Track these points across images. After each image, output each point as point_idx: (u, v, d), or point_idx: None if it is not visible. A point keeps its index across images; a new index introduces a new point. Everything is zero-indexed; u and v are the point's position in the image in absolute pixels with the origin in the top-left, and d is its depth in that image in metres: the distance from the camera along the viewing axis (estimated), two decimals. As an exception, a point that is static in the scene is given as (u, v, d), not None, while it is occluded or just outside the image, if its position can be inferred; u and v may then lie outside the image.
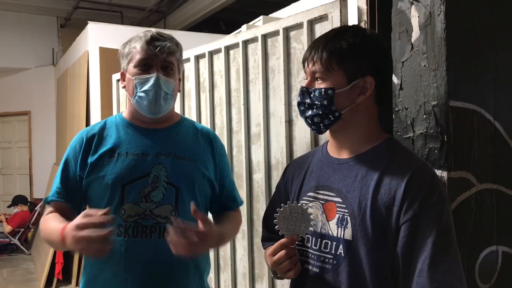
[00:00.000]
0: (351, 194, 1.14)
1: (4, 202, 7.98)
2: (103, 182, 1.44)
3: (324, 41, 1.17)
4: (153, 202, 1.43)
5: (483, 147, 1.50)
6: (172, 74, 1.50)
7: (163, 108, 1.49)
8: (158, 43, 1.46)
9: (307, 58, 1.21)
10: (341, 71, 1.14)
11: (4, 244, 6.69)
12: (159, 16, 8.10)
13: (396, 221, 1.06)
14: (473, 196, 1.48)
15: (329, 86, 1.15)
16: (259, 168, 2.45)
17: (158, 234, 1.42)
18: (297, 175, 1.33)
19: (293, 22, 2.17)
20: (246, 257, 2.53)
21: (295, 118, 2.22)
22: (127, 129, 1.53)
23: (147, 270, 1.42)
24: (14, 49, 7.72)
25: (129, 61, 1.49)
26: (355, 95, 1.16)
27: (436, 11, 1.43)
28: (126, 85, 1.52)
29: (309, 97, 1.18)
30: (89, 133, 1.53)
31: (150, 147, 1.49)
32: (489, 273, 1.52)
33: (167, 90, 1.47)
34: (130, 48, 1.50)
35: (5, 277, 5.67)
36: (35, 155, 8.05)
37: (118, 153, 1.47)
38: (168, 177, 1.45)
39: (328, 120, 1.17)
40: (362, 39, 1.17)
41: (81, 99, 5.69)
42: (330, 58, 1.14)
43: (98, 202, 1.46)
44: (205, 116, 2.84)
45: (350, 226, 1.11)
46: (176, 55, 1.51)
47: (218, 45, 2.70)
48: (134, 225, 1.42)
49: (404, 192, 1.07)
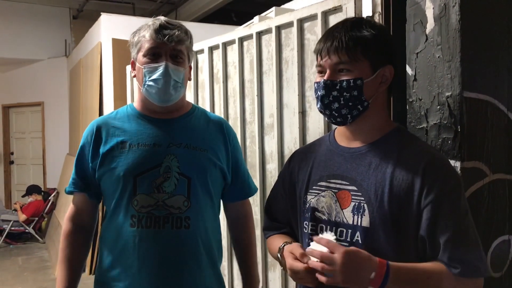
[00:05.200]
0: (367, 182, 1.16)
1: (18, 192, 8.09)
2: (115, 174, 1.45)
3: (344, 32, 1.15)
4: (166, 193, 1.43)
5: (497, 138, 1.51)
6: (181, 63, 1.49)
7: (173, 96, 1.49)
8: (167, 31, 1.45)
9: (323, 50, 1.17)
10: (366, 60, 1.14)
11: (19, 233, 6.80)
12: (171, 8, 8.12)
13: (417, 205, 1.09)
14: (486, 186, 1.50)
15: (356, 76, 1.14)
16: (272, 158, 2.48)
17: (171, 225, 1.43)
18: (304, 165, 1.33)
19: (307, 14, 2.19)
20: (259, 246, 2.56)
21: (309, 109, 2.25)
22: (138, 119, 1.53)
23: (160, 260, 1.43)
24: (27, 41, 7.79)
25: (138, 50, 1.50)
26: (377, 84, 1.17)
27: (451, 3, 1.44)
28: (136, 74, 1.52)
29: (336, 90, 1.15)
30: (100, 124, 1.53)
31: (161, 138, 1.49)
32: (501, 262, 1.54)
33: (177, 79, 1.47)
34: (139, 37, 1.49)
35: (20, 264, 5.78)
36: (48, 146, 8.14)
37: (129, 144, 1.47)
38: (179, 167, 1.46)
39: (357, 110, 1.17)
40: (380, 29, 1.19)
41: (94, 90, 5.74)
42: (355, 47, 1.13)
43: (111, 193, 1.48)
44: (218, 106, 2.87)
45: (367, 213, 1.13)
46: (186, 43, 1.50)
47: (232, 37, 2.72)
48: (147, 216, 1.43)
49: (422, 176, 1.09)
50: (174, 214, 1.43)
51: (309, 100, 2.24)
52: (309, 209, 1.25)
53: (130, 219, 1.43)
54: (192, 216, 1.46)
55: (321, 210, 1.23)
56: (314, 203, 1.24)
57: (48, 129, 8.18)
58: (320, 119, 2.18)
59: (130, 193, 1.44)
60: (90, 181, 1.53)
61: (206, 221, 1.51)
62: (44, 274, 5.42)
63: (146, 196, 1.43)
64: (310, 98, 2.24)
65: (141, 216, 1.43)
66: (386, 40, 1.20)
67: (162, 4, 7.86)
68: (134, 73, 1.55)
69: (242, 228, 1.71)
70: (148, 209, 1.43)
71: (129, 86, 3.91)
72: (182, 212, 1.44)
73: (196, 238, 1.47)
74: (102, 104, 5.68)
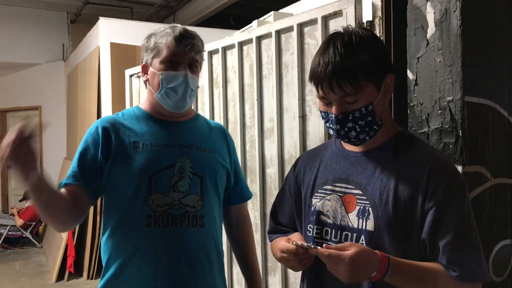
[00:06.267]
0: (372, 186, 1.16)
1: (16, 196, 8.07)
2: (129, 173, 1.45)
3: (341, 60, 1.09)
4: (181, 192, 1.46)
5: (498, 142, 1.51)
6: (196, 71, 1.54)
7: (188, 104, 1.54)
8: (187, 41, 1.48)
9: (323, 83, 1.12)
10: (371, 84, 1.12)
11: (16, 238, 6.78)
12: (168, 12, 8.13)
13: (422, 208, 1.10)
14: (487, 191, 1.50)
15: (366, 103, 1.12)
16: (272, 162, 2.48)
17: (188, 223, 1.45)
18: (310, 168, 1.33)
19: (307, 18, 2.19)
20: (259, 250, 2.56)
21: (309, 113, 2.25)
22: (147, 121, 1.54)
23: (177, 258, 1.45)
24: (25, 45, 7.79)
25: (154, 55, 1.50)
26: (384, 98, 1.17)
27: (452, 8, 1.45)
28: (150, 78, 1.52)
29: (349, 121, 1.14)
30: (108, 123, 1.51)
31: (172, 139, 1.51)
32: (503, 267, 1.54)
33: (193, 87, 1.51)
34: (156, 42, 1.50)
35: (18, 269, 5.76)
36: (46, 150, 8.11)
37: (142, 144, 1.48)
38: (193, 167, 1.49)
39: (374, 131, 1.17)
40: (372, 42, 1.15)
41: (92, 94, 5.74)
42: (357, 77, 1.09)
43: (123, 192, 1.46)
44: (218, 111, 2.87)
45: (372, 217, 1.14)
46: (201, 53, 1.55)
47: (231, 41, 2.72)
48: (164, 215, 1.44)
49: (427, 179, 1.10)
50: (190, 213, 1.46)
51: (309, 105, 2.24)
52: (314, 212, 1.26)
53: (145, 218, 1.44)
54: (206, 214, 1.49)
55: (326, 213, 1.23)
56: (320, 206, 1.25)
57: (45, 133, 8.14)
58: (320, 124, 2.18)
59: (145, 192, 1.44)
60: (91, 178, 1.47)
61: (216, 221, 1.56)
62: (42, 279, 5.39)
63: (162, 195, 1.45)
64: (310, 103, 2.24)
65: (157, 215, 1.44)
66: (381, 50, 1.18)
67: (160, 8, 7.87)
68: (146, 77, 1.55)
69: (243, 230, 1.75)
70: (164, 208, 1.44)
71: (128, 90, 3.90)
72: (197, 210, 1.47)
73: (210, 237, 1.51)
74: (100, 108, 5.67)
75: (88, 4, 7.59)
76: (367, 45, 1.13)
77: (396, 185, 1.13)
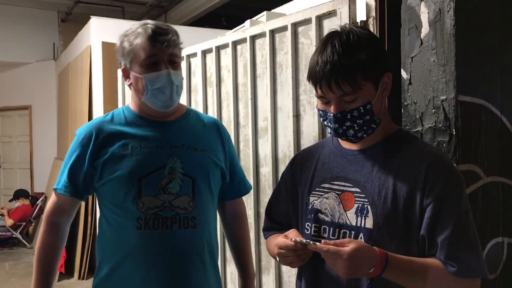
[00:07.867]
0: (370, 183, 1.17)
1: (5, 196, 7.99)
2: (119, 177, 1.44)
3: (338, 60, 1.10)
4: (171, 194, 1.44)
5: (490, 141, 1.53)
6: (178, 66, 1.49)
7: (176, 101, 1.51)
8: (162, 37, 1.42)
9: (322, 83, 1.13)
10: (369, 83, 1.13)
11: (5, 238, 6.71)
12: (160, 11, 8.10)
13: (420, 205, 1.11)
14: (480, 189, 1.52)
15: (364, 102, 1.13)
16: (266, 162, 2.49)
17: (179, 225, 1.44)
18: (307, 166, 1.34)
19: (301, 18, 2.20)
20: (252, 249, 2.56)
21: (303, 112, 2.26)
22: (137, 122, 1.51)
23: (169, 260, 1.44)
24: (15, 44, 7.72)
25: (132, 59, 1.45)
26: (382, 96, 1.18)
27: (445, 8, 1.47)
28: (133, 83, 1.48)
29: (347, 120, 1.15)
30: (97, 129, 1.49)
31: (163, 140, 1.49)
32: (495, 264, 1.56)
33: (178, 83, 1.47)
34: (131, 45, 1.44)
35: (7, 270, 5.70)
36: (36, 150, 8.06)
37: (131, 147, 1.46)
38: (183, 168, 1.47)
39: (372, 129, 1.18)
40: (370, 41, 1.16)
41: (83, 94, 5.70)
42: (355, 75, 1.10)
43: (113, 196, 1.46)
44: (212, 110, 2.87)
45: (371, 215, 1.14)
46: (179, 45, 1.49)
47: (225, 40, 2.72)
48: (154, 217, 1.43)
49: (425, 176, 1.11)
50: (181, 215, 1.45)
51: (303, 104, 2.25)
52: (312, 210, 1.26)
53: (136, 221, 1.43)
54: (198, 216, 1.48)
55: (324, 212, 1.24)
56: (318, 204, 1.25)
57: (35, 133, 8.09)
58: (314, 123, 2.19)
59: (134, 195, 1.43)
60: (81, 188, 1.51)
61: (209, 221, 1.54)
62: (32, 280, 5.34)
63: (152, 197, 1.43)
64: (304, 102, 2.25)
65: (147, 218, 1.43)
66: (379, 49, 1.19)
67: (151, 8, 7.84)
68: (129, 81, 1.50)
69: (239, 226, 1.74)
70: (155, 210, 1.43)
71: (120, 89, 3.89)
72: (188, 212, 1.46)
73: (202, 238, 1.50)
74: (91, 108, 5.64)
75: (79, 3, 7.55)
76: (365, 44, 1.13)
77: (395, 183, 1.14)
